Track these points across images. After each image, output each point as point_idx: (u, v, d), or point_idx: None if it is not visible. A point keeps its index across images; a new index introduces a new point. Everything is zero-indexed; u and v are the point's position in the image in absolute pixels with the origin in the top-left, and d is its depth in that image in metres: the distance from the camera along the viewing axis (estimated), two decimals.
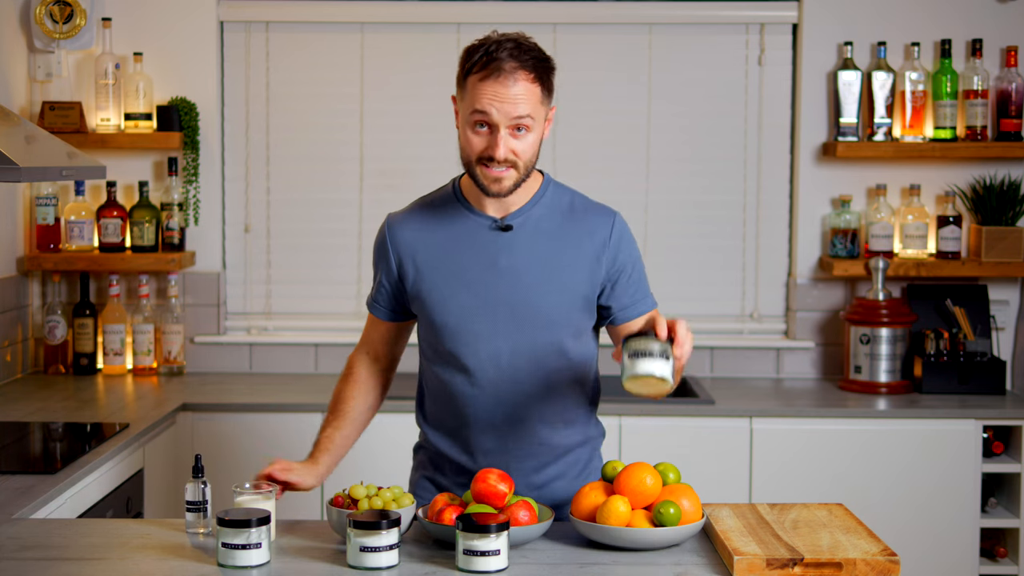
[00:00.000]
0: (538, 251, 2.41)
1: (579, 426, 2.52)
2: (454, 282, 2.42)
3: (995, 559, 3.88)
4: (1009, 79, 4.12)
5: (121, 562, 2.14)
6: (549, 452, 2.48)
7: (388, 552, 2.08)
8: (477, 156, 2.34)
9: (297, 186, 4.34)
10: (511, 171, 2.34)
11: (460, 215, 2.45)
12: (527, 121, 2.31)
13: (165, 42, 4.25)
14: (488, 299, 2.40)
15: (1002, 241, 4.09)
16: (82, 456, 3.01)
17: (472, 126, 2.33)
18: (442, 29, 4.28)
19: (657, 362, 2.11)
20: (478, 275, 2.41)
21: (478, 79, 2.30)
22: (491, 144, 2.31)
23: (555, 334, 2.42)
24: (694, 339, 2.24)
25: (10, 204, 4.10)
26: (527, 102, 2.30)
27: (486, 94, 2.29)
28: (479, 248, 2.42)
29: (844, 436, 3.79)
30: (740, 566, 2.05)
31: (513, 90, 2.28)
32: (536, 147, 2.36)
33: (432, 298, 2.44)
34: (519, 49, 2.31)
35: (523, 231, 2.42)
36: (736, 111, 4.30)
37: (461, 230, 2.44)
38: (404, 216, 2.51)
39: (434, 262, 2.44)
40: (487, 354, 2.41)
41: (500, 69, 2.28)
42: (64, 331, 4.20)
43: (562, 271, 2.41)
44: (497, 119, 2.29)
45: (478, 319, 2.41)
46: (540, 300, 2.40)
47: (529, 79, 2.30)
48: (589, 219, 2.45)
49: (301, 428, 3.78)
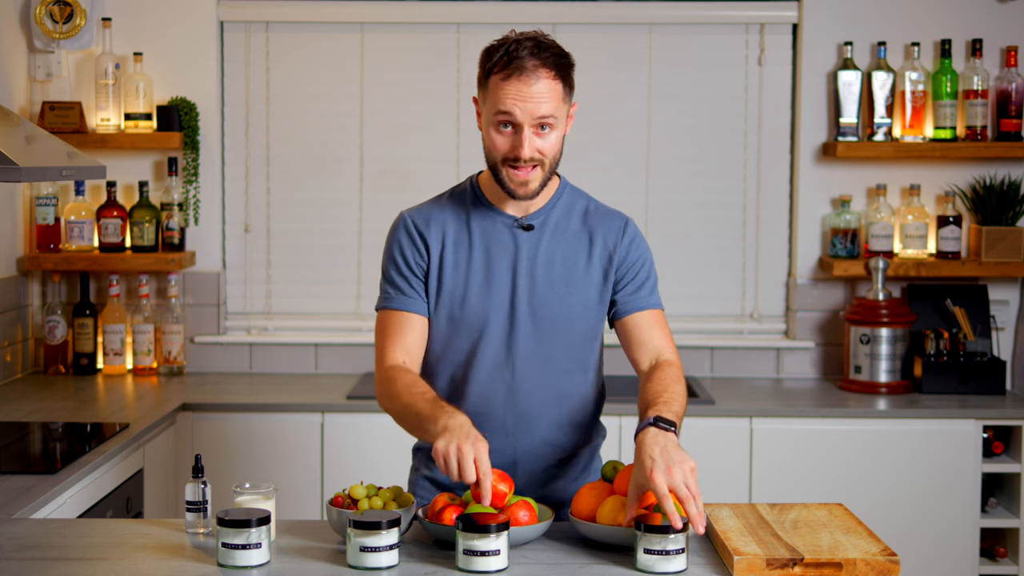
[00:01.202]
0: (557, 252, 2.43)
1: (585, 428, 2.52)
2: (474, 278, 2.42)
3: (995, 559, 3.88)
4: (1009, 79, 4.12)
5: (121, 562, 2.13)
6: (554, 453, 2.48)
7: (388, 552, 2.07)
8: (503, 157, 2.34)
9: (297, 186, 4.34)
10: (537, 170, 2.35)
11: (481, 212, 2.45)
12: (550, 120, 2.31)
13: (165, 42, 4.25)
14: (507, 297, 2.41)
15: (1002, 241, 4.09)
16: (82, 456, 3.01)
17: (496, 127, 2.33)
18: (442, 29, 4.28)
19: (674, 561, 2.09)
20: (498, 273, 2.42)
21: (500, 79, 2.30)
22: (516, 144, 2.32)
23: (570, 335, 2.43)
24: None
25: (10, 204, 4.10)
26: (550, 100, 2.30)
27: (509, 94, 2.29)
28: (500, 246, 2.43)
29: (844, 436, 3.79)
30: (740, 566, 2.05)
31: (535, 88, 2.28)
32: (560, 144, 2.37)
33: (455, 293, 2.43)
34: (539, 47, 2.31)
35: (543, 231, 2.44)
36: (736, 111, 4.30)
37: (482, 227, 2.44)
38: (422, 210, 2.49)
39: (457, 259, 2.43)
40: (503, 353, 2.41)
41: (522, 68, 2.28)
42: (64, 331, 4.20)
43: (579, 272, 2.43)
44: (521, 118, 2.30)
45: (498, 317, 2.41)
46: (558, 301, 2.42)
47: (550, 76, 2.30)
48: (604, 222, 2.48)
49: (301, 428, 3.79)
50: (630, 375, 4.26)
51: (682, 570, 2.08)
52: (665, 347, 2.47)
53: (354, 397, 3.84)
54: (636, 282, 2.47)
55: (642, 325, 2.47)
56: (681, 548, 2.07)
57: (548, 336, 2.41)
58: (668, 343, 2.48)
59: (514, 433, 2.44)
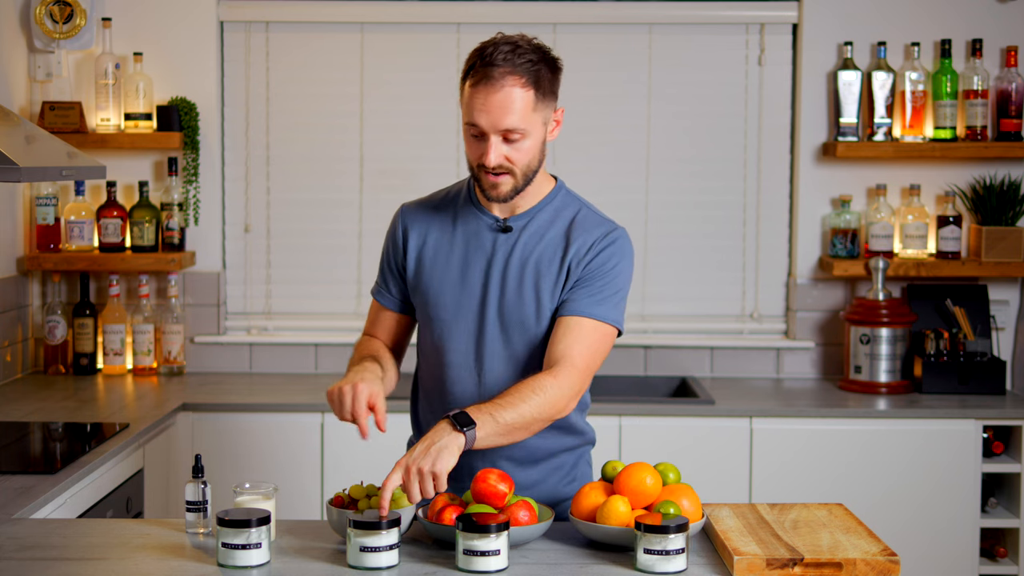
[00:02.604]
0: (531, 255, 2.42)
1: (564, 431, 2.50)
2: (451, 277, 2.44)
3: (995, 559, 3.88)
4: (1009, 79, 4.12)
5: (121, 562, 2.13)
6: (531, 455, 2.46)
7: (388, 552, 2.08)
8: (475, 163, 2.36)
9: (297, 186, 4.34)
10: (507, 177, 2.34)
11: (468, 213, 2.47)
12: (517, 132, 2.30)
13: (165, 42, 4.25)
14: (479, 297, 2.42)
15: (1002, 241, 4.09)
16: (82, 456, 3.01)
17: (467, 133, 2.35)
18: (442, 29, 4.28)
19: (674, 561, 2.08)
20: (473, 273, 2.43)
21: (470, 86, 2.31)
22: (483, 152, 2.32)
23: (537, 338, 2.42)
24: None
25: (10, 204, 4.10)
26: (516, 112, 2.28)
27: (476, 104, 2.30)
28: (478, 247, 2.44)
29: (844, 436, 3.79)
30: (740, 566, 2.05)
31: (499, 97, 2.27)
32: (535, 152, 2.35)
33: (430, 291, 2.46)
34: (514, 52, 2.29)
35: (521, 234, 2.43)
36: (736, 111, 4.30)
37: (466, 227, 2.46)
38: (417, 206, 2.54)
39: (436, 256, 2.46)
40: (474, 353, 2.43)
41: (489, 77, 2.27)
42: (64, 331, 4.20)
43: (549, 277, 2.40)
44: (486, 128, 2.30)
45: (468, 316, 2.43)
46: (525, 303, 2.41)
47: (519, 84, 2.28)
48: (587, 229, 2.42)
49: (301, 428, 3.79)
50: (629, 375, 4.28)
51: (682, 570, 2.08)
52: (566, 356, 2.32)
53: None
54: (588, 288, 2.37)
55: (562, 327, 2.35)
56: (681, 548, 2.07)
57: (515, 337, 2.41)
58: (574, 352, 2.32)
59: None
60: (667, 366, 4.27)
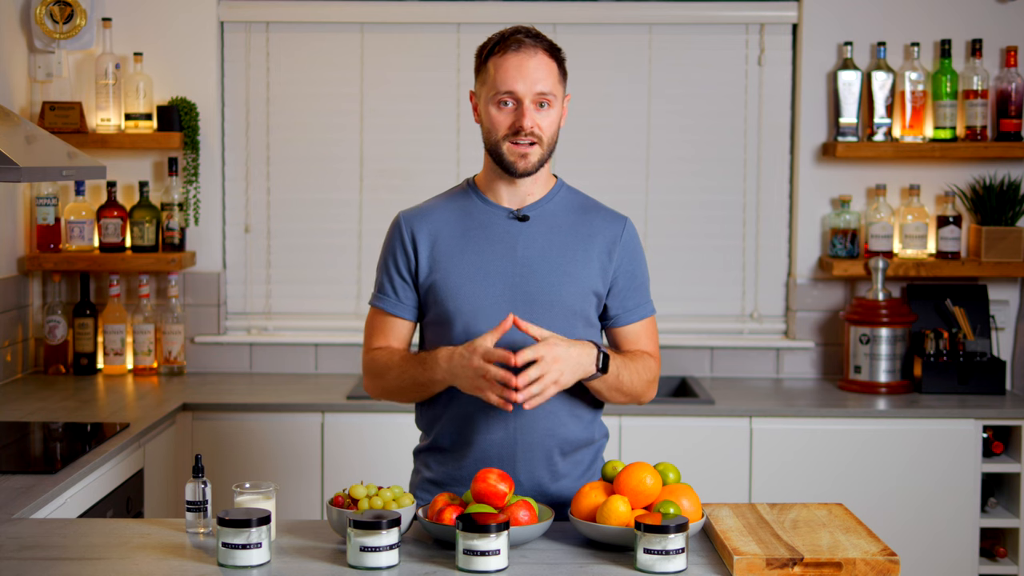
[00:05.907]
0: (553, 243, 2.47)
1: (585, 423, 2.52)
2: (471, 271, 2.45)
3: (995, 559, 3.88)
4: (1009, 79, 4.12)
5: (121, 562, 2.14)
6: (555, 444, 2.47)
7: (388, 552, 2.08)
8: (503, 133, 2.41)
9: (297, 186, 4.34)
10: (536, 147, 2.42)
11: (476, 207, 2.50)
12: (549, 96, 2.41)
13: (165, 42, 4.25)
14: (505, 287, 2.44)
15: (1002, 241, 4.09)
16: (82, 456, 3.01)
17: (497, 105, 2.41)
18: (442, 29, 4.28)
19: (674, 561, 2.09)
20: (495, 264, 2.45)
21: (500, 57, 2.40)
22: (518, 116, 2.40)
23: (569, 324, 2.45)
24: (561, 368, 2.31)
25: (10, 204, 4.11)
26: (547, 77, 2.41)
27: (510, 70, 2.39)
28: (496, 237, 2.47)
29: (844, 436, 3.79)
30: (740, 566, 2.05)
31: (534, 62, 2.40)
32: (556, 126, 2.46)
33: (448, 286, 2.45)
34: (531, 34, 2.43)
35: (539, 223, 2.48)
36: (736, 111, 4.30)
37: (478, 220, 2.48)
38: (418, 211, 2.55)
39: (451, 252, 2.47)
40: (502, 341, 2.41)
41: (522, 44, 2.40)
42: (64, 331, 4.20)
43: (576, 263, 2.47)
44: (522, 92, 2.39)
45: (494, 306, 2.43)
46: (556, 289, 2.44)
47: (547, 55, 2.42)
48: (601, 219, 2.53)
49: (301, 428, 3.79)
50: None
51: (682, 570, 2.08)
52: (650, 353, 2.58)
53: (354, 397, 3.84)
54: (631, 288, 2.53)
55: (629, 336, 2.56)
56: (681, 548, 2.07)
57: (546, 323, 2.42)
58: (651, 349, 2.58)
59: (514, 424, 2.44)
60: (667, 366, 4.27)
